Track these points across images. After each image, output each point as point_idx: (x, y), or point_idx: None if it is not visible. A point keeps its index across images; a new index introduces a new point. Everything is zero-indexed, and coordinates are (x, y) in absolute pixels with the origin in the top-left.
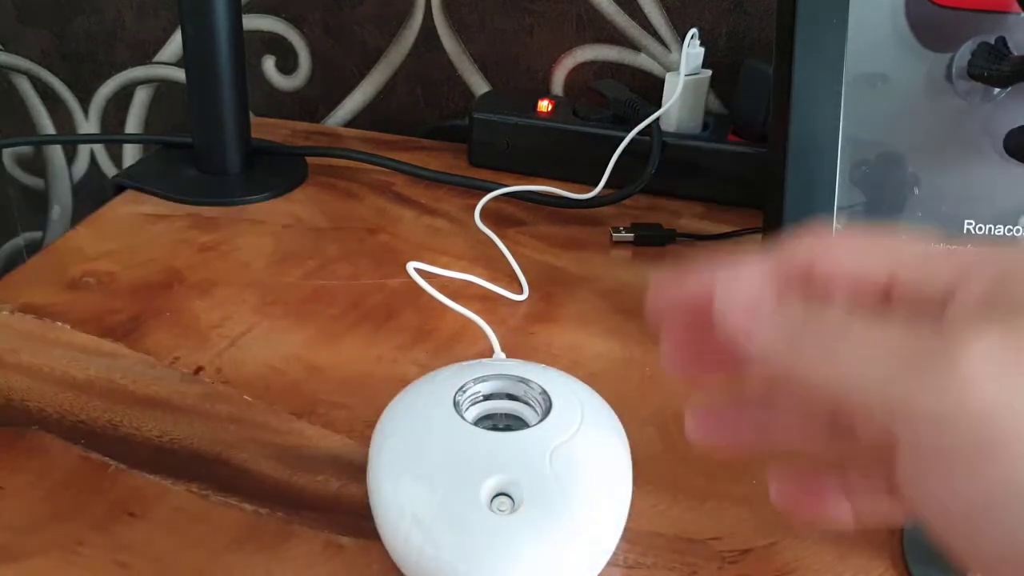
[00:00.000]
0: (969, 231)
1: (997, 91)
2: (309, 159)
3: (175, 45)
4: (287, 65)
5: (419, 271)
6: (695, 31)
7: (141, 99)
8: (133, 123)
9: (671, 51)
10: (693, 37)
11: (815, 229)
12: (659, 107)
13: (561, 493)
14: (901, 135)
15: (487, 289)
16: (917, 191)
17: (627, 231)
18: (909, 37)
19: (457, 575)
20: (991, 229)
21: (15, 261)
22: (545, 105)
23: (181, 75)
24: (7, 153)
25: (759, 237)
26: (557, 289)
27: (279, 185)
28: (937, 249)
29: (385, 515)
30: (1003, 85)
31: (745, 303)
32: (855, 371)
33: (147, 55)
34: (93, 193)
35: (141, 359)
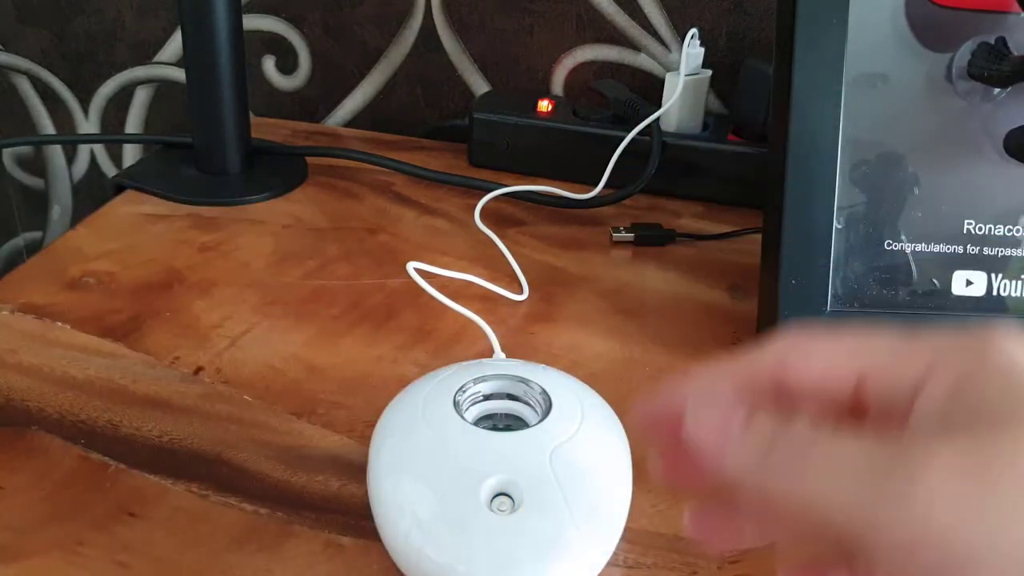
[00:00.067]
0: (969, 231)
1: (997, 91)
2: (309, 159)
3: (175, 45)
4: (287, 65)
5: (419, 271)
6: (695, 31)
7: (141, 99)
8: (133, 123)
9: (671, 51)
10: (693, 37)
11: (784, 334)
12: (659, 107)
13: (561, 493)
14: (901, 135)
15: (487, 289)
16: (917, 191)
17: (627, 231)
18: (909, 37)
19: (457, 575)
20: (991, 229)
21: (15, 261)
22: (545, 105)
23: (181, 75)
24: (7, 153)
25: (759, 237)
26: (557, 289)
27: (279, 185)
28: (902, 346)
29: (385, 515)
30: (1003, 85)
31: (714, 423)
32: (821, 490)
33: (147, 55)
34: (93, 193)
35: (141, 359)
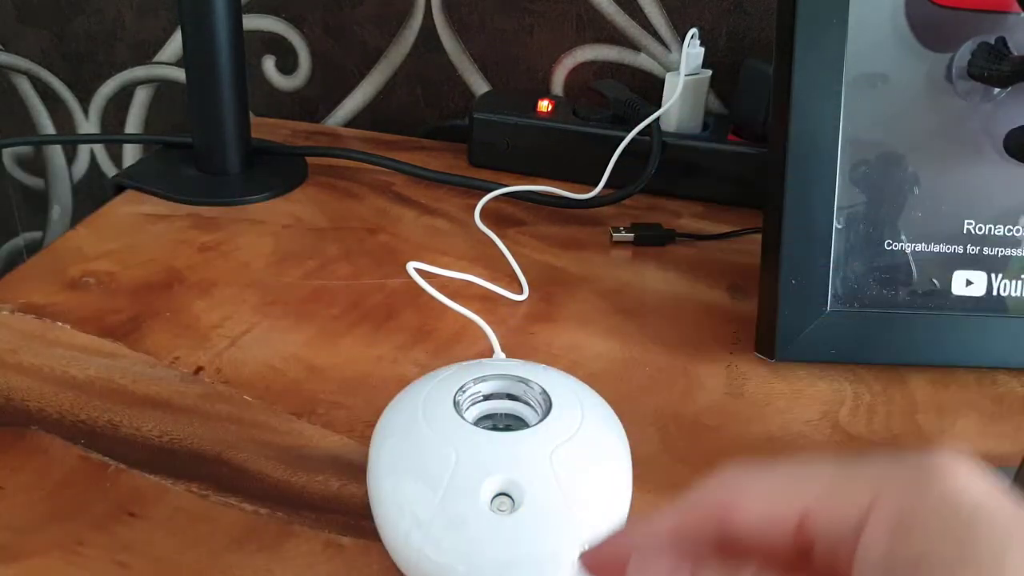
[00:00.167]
0: (969, 231)
1: (997, 91)
2: (309, 159)
3: (175, 45)
4: (287, 65)
5: (419, 271)
6: (695, 31)
7: (141, 99)
8: (133, 123)
9: (671, 51)
10: (693, 37)
11: (721, 472)
12: (659, 107)
13: (561, 493)
14: (901, 135)
15: (487, 289)
16: (917, 191)
17: (627, 231)
18: (909, 37)
19: (457, 575)
20: (991, 229)
21: (15, 261)
22: (545, 105)
23: (181, 75)
24: (7, 153)
25: (759, 237)
26: (557, 289)
27: (279, 185)
28: (843, 478)
29: (385, 515)
30: (1003, 85)
31: None
32: None
33: (147, 55)
34: (93, 193)
35: (141, 359)
